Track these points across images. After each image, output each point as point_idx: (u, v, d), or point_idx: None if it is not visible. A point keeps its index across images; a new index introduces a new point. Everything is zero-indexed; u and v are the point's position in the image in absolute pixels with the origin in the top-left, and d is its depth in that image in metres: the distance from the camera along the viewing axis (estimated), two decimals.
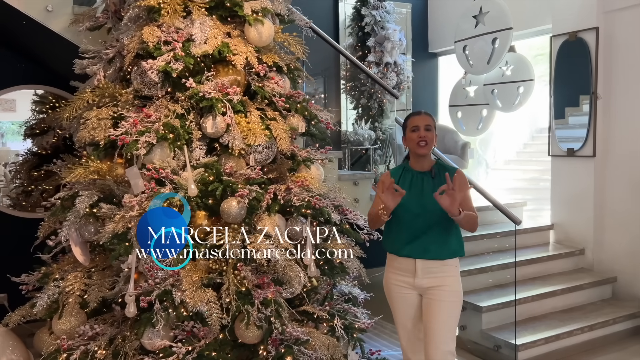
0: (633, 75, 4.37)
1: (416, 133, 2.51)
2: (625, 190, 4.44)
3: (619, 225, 4.51)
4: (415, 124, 2.53)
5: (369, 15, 5.73)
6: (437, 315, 2.49)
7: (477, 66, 5.76)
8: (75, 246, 2.55)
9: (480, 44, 5.64)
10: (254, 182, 2.57)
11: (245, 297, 2.43)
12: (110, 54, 2.70)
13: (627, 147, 4.42)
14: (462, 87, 6.11)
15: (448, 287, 2.50)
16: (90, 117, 2.54)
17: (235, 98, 2.59)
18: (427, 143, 2.50)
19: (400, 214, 2.52)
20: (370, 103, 5.79)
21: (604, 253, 4.62)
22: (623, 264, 4.48)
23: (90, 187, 2.58)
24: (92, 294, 2.46)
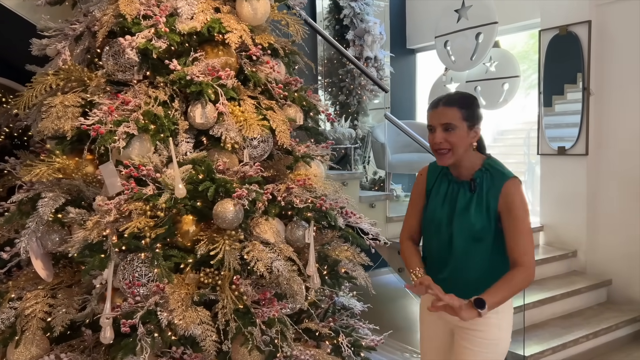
0: (627, 70, 4.23)
1: (431, 135, 1.88)
2: (619, 189, 4.29)
3: (612, 226, 4.36)
4: (429, 122, 1.89)
5: (347, 7, 5.43)
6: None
7: (460, 62, 5.55)
8: (36, 259, 2.11)
9: (463, 39, 5.43)
10: (251, 180, 2.20)
11: (245, 316, 2.07)
12: (78, 29, 2.27)
13: (621, 145, 4.27)
14: (443, 85, 5.89)
15: (480, 333, 1.90)
16: (55, 103, 2.11)
17: (229, 83, 2.22)
18: (449, 150, 1.83)
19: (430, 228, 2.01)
20: (349, 100, 5.48)
21: (597, 255, 4.46)
22: (617, 266, 4.32)
23: (54, 187, 2.15)
24: (57, 316, 2.03)
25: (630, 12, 4.18)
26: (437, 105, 1.88)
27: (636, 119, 4.18)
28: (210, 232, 2.18)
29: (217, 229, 2.17)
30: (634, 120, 4.20)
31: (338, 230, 2.51)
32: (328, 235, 2.56)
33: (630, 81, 4.21)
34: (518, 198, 1.81)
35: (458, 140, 1.83)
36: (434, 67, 6.12)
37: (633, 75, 4.19)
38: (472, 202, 1.87)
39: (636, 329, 3.99)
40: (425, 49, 6.35)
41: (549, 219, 4.74)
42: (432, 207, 2.00)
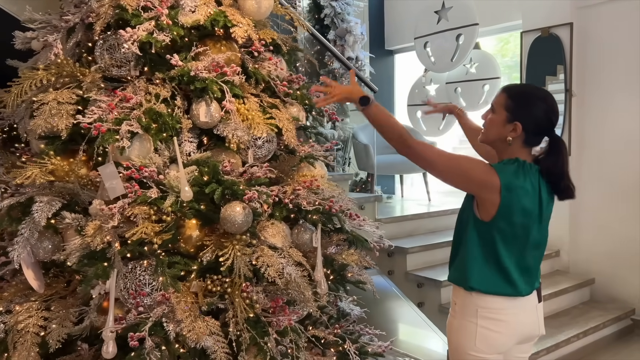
0: (608, 72, 4.30)
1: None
2: (601, 190, 4.35)
3: (594, 226, 4.42)
4: None
5: (328, 6, 5.37)
6: None
7: (440, 63, 5.56)
8: (27, 268, 1.95)
9: (443, 40, 5.45)
10: (259, 182, 2.10)
11: (256, 325, 1.96)
12: (71, 21, 2.11)
13: (604, 146, 4.34)
14: (422, 86, 5.89)
15: (447, 331, 1.89)
16: (47, 100, 1.95)
17: (235, 79, 2.11)
18: (484, 130, 1.84)
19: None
20: None
21: (580, 254, 4.51)
22: (600, 265, 4.39)
23: (46, 191, 1.99)
24: (54, 332, 1.87)
25: (612, 14, 4.26)
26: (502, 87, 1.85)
27: (617, 120, 4.26)
28: (216, 237, 2.06)
29: (223, 234, 2.05)
30: (615, 121, 4.27)
31: (344, 233, 2.42)
32: (334, 239, 2.48)
33: (611, 83, 4.28)
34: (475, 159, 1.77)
35: (492, 121, 1.78)
36: (413, 68, 6.12)
37: (614, 77, 4.26)
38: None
39: (621, 327, 4.05)
40: (404, 50, 6.35)
41: None
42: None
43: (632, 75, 4.17)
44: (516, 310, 1.76)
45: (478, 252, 1.76)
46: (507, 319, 1.75)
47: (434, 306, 3.74)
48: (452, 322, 1.85)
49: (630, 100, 4.18)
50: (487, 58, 5.35)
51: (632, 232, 4.15)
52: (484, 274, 1.74)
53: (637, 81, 4.14)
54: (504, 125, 1.75)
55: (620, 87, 4.24)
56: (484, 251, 1.74)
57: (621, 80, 4.23)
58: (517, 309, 1.77)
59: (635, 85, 4.15)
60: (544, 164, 1.77)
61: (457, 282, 1.83)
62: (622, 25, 4.21)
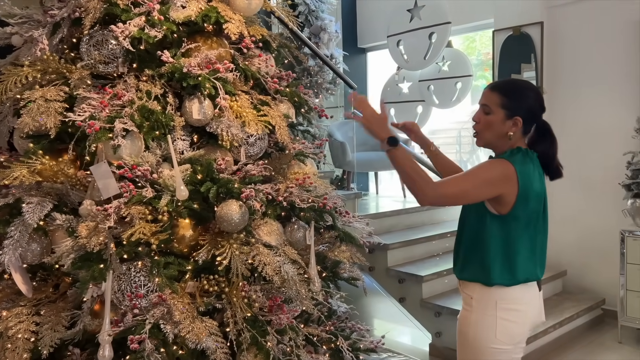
0: (578, 70, 4.43)
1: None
2: (572, 184, 4.48)
3: (566, 220, 4.55)
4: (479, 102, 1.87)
5: (302, 3, 5.36)
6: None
7: (413, 62, 5.62)
8: (15, 272, 1.88)
9: (416, 39, 5.51)
10: (253, 180, 2.08)
11: (255, 324, 1.94)
12: (58, 16, 2.04)
13: (574, 142, 4.46)
14: (395, 84, 5.95)
15: (460, 326, 1.89)
16: (34, 98, 1.89)
17: (229, 76, 2.08)
18: (477, 133, 1.84)
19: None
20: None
21: (552, 247, 4.60)
22: (571, 257, 4.52)
23: (34, 192, 1.92)
24: (45, 336, 1.81)
25: (580, 13, 4.39)
26: (486, 87, 1.86)
27: (587, 117, 4.39)
28: (210, 236, 2.03)
29: (218, 233, 2.02)
30: (584, 117, 4.40)
31: (336, 230, 2.43)
32: (325, 236, 2.48)
33: (580, 80, 4.41)
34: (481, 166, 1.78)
35: (490, 123, 1.79)
36: (386, 66, 6.17)
37: (583, 74, 4.40)
38: None
39: (592, 317, 4.19)
40: (377, 48, 6.39)
41: None
42: None
43: (600, 73, 4.31)
44: (530, 299, 1.83)
45: (498, 246, 1.78)
46: (523, 308, 1.80)
47: (416, 301, 3.78)
48: (468, 316, 1.84)
49: (598, 96, 4.32)
50: (460, 56, 5.43)
51: (601, 224, 4.29)
52: (506, 267, 1.77)
53: (605, 78, 4.28)
54: (504, 123, 1.79)
55: (588, 84, 4.37)
56: (504, 245, 1.77)
57: (590, 77, 4.37)
58: (531, 297, 1.83)
59: (603, 82, 4.29)
60: (539, 148, 1.85)
61: (477, 279, 1.83)
62: (589, 25, 4.35)
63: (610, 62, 4.26)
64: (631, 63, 4.13)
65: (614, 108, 4.24)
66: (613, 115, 4.23)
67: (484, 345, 1.81)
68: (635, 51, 4.10)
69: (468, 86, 5.37)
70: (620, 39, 4.18)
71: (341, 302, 2.77)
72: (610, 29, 4.23)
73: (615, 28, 4.21)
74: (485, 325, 1.80)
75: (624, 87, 4.18)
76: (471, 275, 1.87)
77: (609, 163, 4.21)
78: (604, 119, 4.29)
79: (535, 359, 3.55)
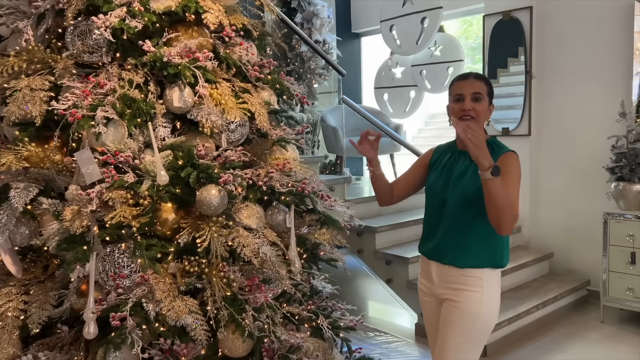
0: (566, 54, 4.47)
1: (459, 104, 1.93)
2: (559, 167, 4.56)
3: (553, 203, 4.63)
4: (459, 92, 1.94)
5: None
6: (444, 337, 2.01)
7: (405, 46, 5.66)
8: (4, 254, 1.98)
9: (408, 23, 5.54)
10: (233, 165, 2.16)
11: (234, 303, 2.03)
12: (42, 7, 2.11)
13: (561, 126, 4.53)
14: (389, 69, 5.99)
15: (462, 305, 1.96)
16: (20, 87, 1.97)
17: (208, 65, 2.15)
18: (474, 119, 1.89)
19: (427, 198, 2.13)
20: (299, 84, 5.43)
21: (540, 230, 4.73)
22: (558, 239, 4.61)
23: (22, 178, 2.01)
24: (34, 314, 1.91)
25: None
26: (468, 77, 1.98)
27: (575, 101, 4.45)
28: (192, 219, 2.11)
29: (199, 216, 2.11)
30: (572, 101, 4.46)
31: (317, 214, 2.51)
32: (306, 219, 2.56)
33: (569, 65, 4.46)
34: (514, 165, 1.90)
35: (482, 110, 1.93)
36: (379, 51, 6.20)
37: (572, 59, 4.44)
38: (469, 169, 1.95)
39: (577, 297, 4.29)
40: (370, 33, 6.42)
41: None
42: (432, 177, 2.11)
43: (588, 57, 4.35)
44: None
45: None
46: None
47: (402, 282, 3.88)
48: (478, 297, 1.94)
49: (586, 80, 4.37)
50: (451, 41, 5.47)
51: (587, 207, 4.37)
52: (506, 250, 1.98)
53: (594, 63, 4.33)
54: (487, 109, 1.95)
55: (578, 69, 4.42)
56: None
57: (579, 63, 4.41)
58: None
59: (592, 67, 4.34)
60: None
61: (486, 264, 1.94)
62: (578, 9, 4.38)
63: (598, 46, 4.30)
64: (618, 47, 4.17)
65: (601, 92, 4.29)
66: (599, 100, 4.29)
67: (492, 321, 1.99)
68: (622, 35, 4.13)
69: (460, 71, 5.41)
70: (608, 23, 4.22)
71: (326, 283, 2.88)
72: (599, 14, 4.27)
73: (603, 13, 4.24)
74: (492, 303, 1.98)
75: (610, 71, 4.23)
76: (481, 260, 1.96)
77: (595, 147, 4.27)
78: (591, 103, 4.35)
79: (518, 337, 3.65)
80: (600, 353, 3.44)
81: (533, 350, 3.48)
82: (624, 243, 3.75)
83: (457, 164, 2.01)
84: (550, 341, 3.63)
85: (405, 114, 5.91)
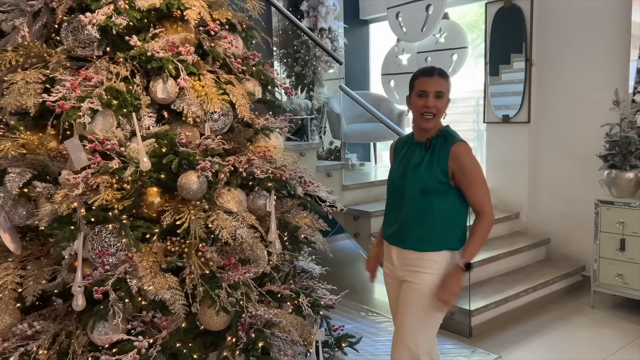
0: (566, 42, 4.49)
1: (423, 100, 2.05)
2: (557, 155, 4.60)
3: (551, 189, 4.68)
4: (423, 88, 2.06)
5: None
6: (403, 316, 2.16)
7: (411, 33, 5.72)
8: (4, 232, 2.17)
9: (414, 10, 5.59)
10: (213, 153, 2.31)
11: (211, 281, 2.20)
12: (36, 6, 2.28)
13: (560, 113, 4.56)
14: (395, 55, 6.05)
15: (418, 287, 2.10)
16: (16, 80, 2.14)
17: (189, 58, 2.30)
18: (435, 115, 2.05)
19: (388, 187, 2.26)
20: (304, 71, 5.57)
21: (538, 216, 4.79)
22: (555, 226, 4.66)
23: (19, 163, 2.20)
24: (29, 287, 2.11)
25: None
26: (432, 74, 2.08)
27: (573, 89, 4.47)
28: (175, 203, 2.28)
29: (181, 200, 2.27)
30: (571, 89, 4.48)
31: (297, 198, 2.65)
32: (288, 204, 2.71)
33: (568, 52, 4.47)
34: (467, 157, 2.04)
35: (443, 107, 2.08)
36: (387, 37, 6.26)
37: (571, 47, 4.46)
38: (424, 159, 2.08)
39: (571, 282, 4.35)
40: (378, 20, 6.47)
41: (494, 184, 5.03)
42: (392, 168, 2.23)
43: (589, 45, 4.35)
44: None
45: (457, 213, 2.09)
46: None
47: None
48: (433, 279, 2.09)
49: (586, 69, 4.38)
50: (456, 28, 5.51)
51: (584, 195, 4.40)
52: (465, 231, 2.10)
53: (594, 50, 4.33)
54: (447, 104, 2.09)
55: (577, 57, 4.43)
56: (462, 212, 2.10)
57: (579, 50, 4.43)
58: None
59: (591, 55, 4.35)
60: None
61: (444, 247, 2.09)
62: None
63: (597, 34, 4.30)
64: (615, 35, 4.17)
65: (600, 80, 4.30)
66: (598, 87, 4.30)
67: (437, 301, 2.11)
68: (620, 23, 4.13)
69: (463, 58, 5.46)
70: (606, 11, 4.22)
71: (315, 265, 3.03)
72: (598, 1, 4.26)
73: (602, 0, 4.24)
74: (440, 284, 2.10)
75: (609, 59, 4.23)
76: (438, 244, 2.10)
77: (592, 135, 4.29)
78: (590, 91, 4.36)
79: (505, 320, 3.75)
80: (584, 336, 3.53)
81: (518, 333, 3.59)
82: (614, 230, 3.80)
83: (414, 155, 2.13)
84: (537, 324, 3.73)
85: None
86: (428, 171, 2.05)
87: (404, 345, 2.09)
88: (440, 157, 2.05)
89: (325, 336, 2.88)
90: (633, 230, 3.72)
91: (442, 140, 2.08)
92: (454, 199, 2.04)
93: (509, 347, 3.39)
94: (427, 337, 2.10)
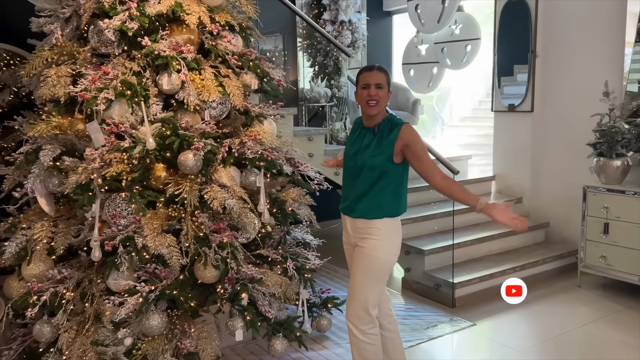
0: (569, 34, 4.66)
1: (366, 91, 2.38)
2: (559, 142, 4.80)
3: (552, 175, 4.89)
4: (366, 81, 2.39)
5: None
6: (353, 276, 2.49)
7: (428, 25, 5.97)
8: (40, 197, 2.70)
9: (432, 3, 5.84)
10: (209, 135, 2.76)
11: (203, 241, 2.66)
12: (67, 13, 2.79)
13: (562, 103, 4.76)
14: (415, 46, 6.33)
15: (366, 250, 2.43)
16: (50, 74, 2.65)
17: (189, 56, 2.75)
18: (377, 102, 2.38)
19: (344, 164, 2.61)
20: (326, 61, 5.94)
21: (539, 201, 5.02)
22: (555, 210, 4.88)
23: (53, 141, 2.72)
24: (58, 241, 2.64)
25: None
26: (372, 69, 2.44)
27: (576, 79, 4.65)
28: (177, 177, 2.75)
29: (182, 175, 2.74)
30: (573, 80, 4.67)
31: (286, 176, 3.08)
32: (279, 181, 3.14)
33: (571, 44, 4.66)
34: (412, 137, 2.39)
35: (384, 96, 2.41)
36: (409, 28, 6.53)
37: (574, 39, 4.64)
38: (372, 142, 2.43)
39: (563, 264, 4.58)
40: (401, 11, 6.74)
41: (499, 170, 5.28)
42: (348, 147, 2.58)
43: (592, 37, 4.52)
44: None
45: (399, 187, 2.45)
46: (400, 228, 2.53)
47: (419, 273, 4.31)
48: (378, 244, 2.44)
49: (587, 60, 4.55)
50: (470, 20, 5.73)
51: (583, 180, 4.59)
52: (403, 201, 2.49)
53: (596, 42, 4.49)
54: (387, 95, 2.43)
55: (580, 48, 4.61)
56: (402, 185, 2.47)
57: (582, 42, 4.59)
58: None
59: (594, 46, 4.51)
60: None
61: (385, 214, 2.44)
62: None
63: (598, 27, 4.46)
64: (613, 27, 4.33)
65: (600, 71, 4.46)
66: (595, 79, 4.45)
67: (390, 261, 2.51)
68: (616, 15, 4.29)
69: (477, 48, 5.68)
70: (607, 3, 4.37)
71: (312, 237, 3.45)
72: None
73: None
74: (391, 247, 2.48)
75: (607, 50, 4.40)
76: (380, 213, 2.46)
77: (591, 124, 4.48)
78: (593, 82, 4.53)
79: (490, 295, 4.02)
80: (562, 311, 3.79)
81: (501, 306, 3.87)
82: (599, 214, 4.02)
83: (364, 138, 2.47)
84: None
85: (428, 89, 6.26)
86: (376, 152, 2.41)
87: (355, 298, 2.48)
88: (388, 138, 2.40)
89: (312, 296, 3.31)
90: (616, 215, 3.93)
91: (389, 125, 2.41)
92: (395, 175, 2.41)
93: (486, 317, 3.70)
94: (374, 291, 2.48)
